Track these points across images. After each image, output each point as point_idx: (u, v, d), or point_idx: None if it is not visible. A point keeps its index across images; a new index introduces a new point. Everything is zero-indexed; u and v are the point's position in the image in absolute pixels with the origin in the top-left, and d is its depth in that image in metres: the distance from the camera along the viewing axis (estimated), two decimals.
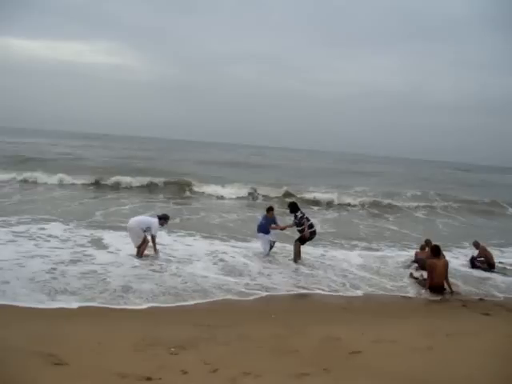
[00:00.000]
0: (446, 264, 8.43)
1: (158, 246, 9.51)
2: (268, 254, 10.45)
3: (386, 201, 21.15)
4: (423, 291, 8.29)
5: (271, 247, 10.60)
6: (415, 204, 21.35)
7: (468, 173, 61.14)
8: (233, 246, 11.11)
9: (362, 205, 20.16)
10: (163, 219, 9.67)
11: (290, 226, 10.65)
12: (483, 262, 10.84)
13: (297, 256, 10.11)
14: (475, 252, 11.14)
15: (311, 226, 10.30)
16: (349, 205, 20.02)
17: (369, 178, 35.99)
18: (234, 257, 10.03)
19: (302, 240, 10.17)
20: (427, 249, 10.35)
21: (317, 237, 10.74)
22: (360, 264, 10.13)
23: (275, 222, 10.68)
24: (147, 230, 9.35)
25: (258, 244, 10.86)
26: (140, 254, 9.27)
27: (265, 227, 10.57)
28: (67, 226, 11.32)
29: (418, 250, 10.91)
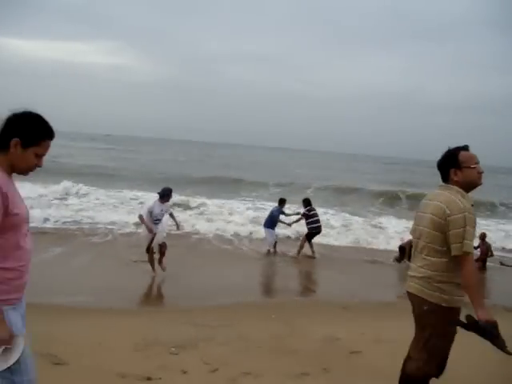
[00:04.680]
0: None
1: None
2: (270, 251, 10.61)
3: None
4: None
5: (275, 244, 10.75)
6: None
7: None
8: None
9: None
10: (164, 195, 8.11)
11: (297, 221, 11.28)
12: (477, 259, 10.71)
13: (300, 249, 10.58)
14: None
15: (317, 221, 10.83)
16: None
17: None
18: (235, 252, 10.07)
19: (309, 235, 10.73)
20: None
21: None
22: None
23: (284, 213, 11.23)
24: (154, 216, 7.97)
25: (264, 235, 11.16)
26: (149, 259, 8.08)
27: (272, 221, 10.86)
28: None
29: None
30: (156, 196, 8.27)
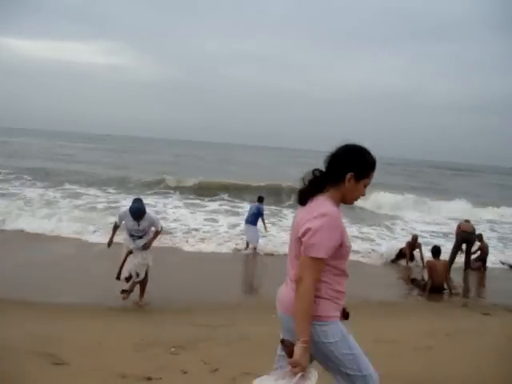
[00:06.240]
0: (447, 265, 8.43)
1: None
2: (255, 249, 10.31)
3: None
4: (423, 293, 8.22)
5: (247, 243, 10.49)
6: None
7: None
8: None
9: None
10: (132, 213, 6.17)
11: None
12: (477, 260, 10.63)
13: None
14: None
15: None
16: None
17: None
18: (237, 254, 10.03)
19: None
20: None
21: None
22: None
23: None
24: (129, 230, 6.36)
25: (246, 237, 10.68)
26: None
27: (256, 218, 10.55)
28: None
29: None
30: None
